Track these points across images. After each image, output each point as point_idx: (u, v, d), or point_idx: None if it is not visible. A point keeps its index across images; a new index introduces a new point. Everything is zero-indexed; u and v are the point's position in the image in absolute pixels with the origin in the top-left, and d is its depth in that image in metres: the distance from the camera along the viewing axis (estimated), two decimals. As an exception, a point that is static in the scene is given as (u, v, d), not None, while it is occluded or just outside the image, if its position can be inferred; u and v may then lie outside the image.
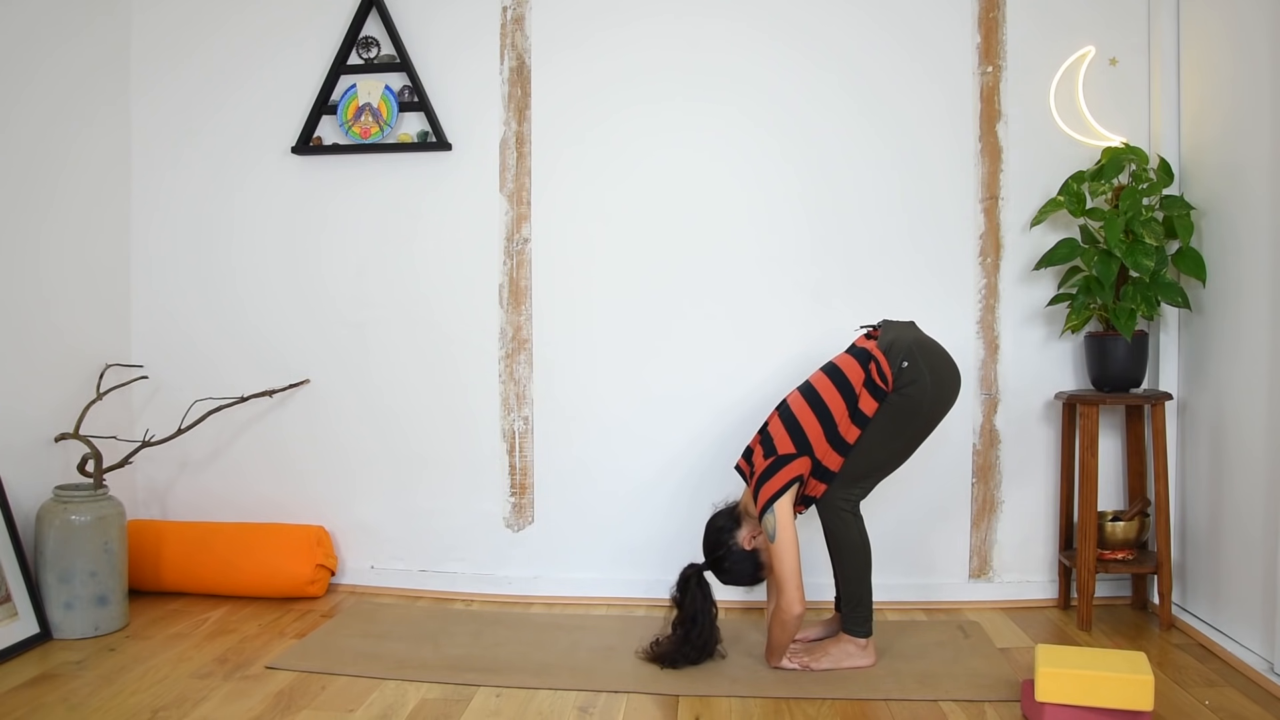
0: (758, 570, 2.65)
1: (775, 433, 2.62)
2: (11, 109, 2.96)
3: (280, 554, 3.19)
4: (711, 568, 2.67)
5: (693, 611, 2.59)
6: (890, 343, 2.58)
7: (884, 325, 2.69)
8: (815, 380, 2.66)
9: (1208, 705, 2.33)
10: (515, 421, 3.33)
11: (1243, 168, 2.70)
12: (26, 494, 2.95)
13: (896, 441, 2.60)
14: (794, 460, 2.55)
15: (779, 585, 2.52)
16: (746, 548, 2.64)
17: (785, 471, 2.54)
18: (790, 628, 2.53)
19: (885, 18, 3.18)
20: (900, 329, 2.65)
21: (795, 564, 2.49)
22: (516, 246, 3.31)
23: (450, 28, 3.32)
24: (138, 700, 2.37)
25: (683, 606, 2.61)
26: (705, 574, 2.65)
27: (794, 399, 2.66)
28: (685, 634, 2.59)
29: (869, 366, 2.57)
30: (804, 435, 2.58)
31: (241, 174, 3.43)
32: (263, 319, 3.44)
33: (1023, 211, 3.16)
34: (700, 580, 2.62)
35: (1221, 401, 2.80)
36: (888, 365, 2.54)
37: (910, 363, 2.53)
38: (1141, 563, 2.94)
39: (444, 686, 2.48)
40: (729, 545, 2.64)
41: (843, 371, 2.62)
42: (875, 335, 2.67)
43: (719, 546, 2.65)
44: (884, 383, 2.54)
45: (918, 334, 2.65)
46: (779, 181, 3.22)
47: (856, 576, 2.60)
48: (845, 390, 2.58)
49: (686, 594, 2.61)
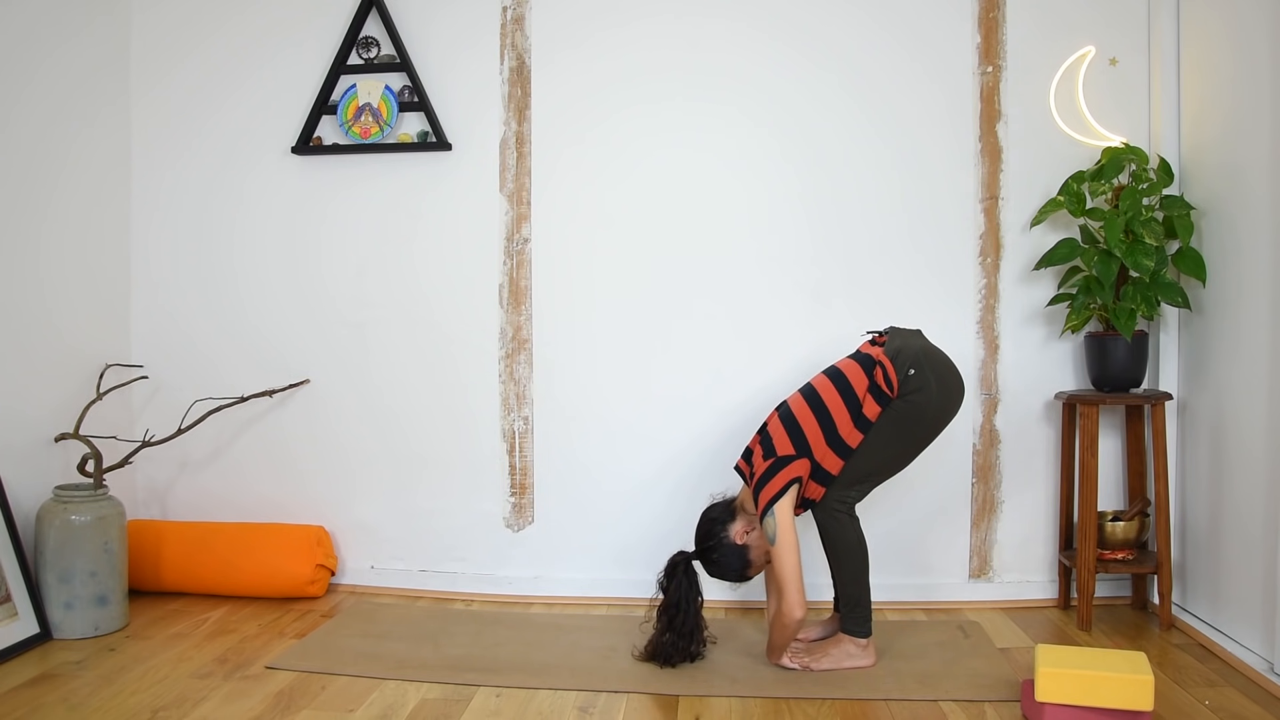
0: (745, 567, 2.65)
1: (775, 433, 2.62)
2: (12, 109, 2.96)
3: (280, 554, 3.19)
4: (700, 557, 2.67)
5: (676, 598, 2.59)
6: (897, 350, 2.58)
7: (891, 332, 2.69)
8: (817, 382, 2.66)
9: (1208, 705, 2.33)
10: (515, 421, 3.33)
11: (1243, 168, 2.70)
12: (26, 494, 2.95)
13: (897, 447, 2.60)
14: (793, 462, 2.56)
15: (780, 588, 2.52)
16: (739, 542, 2.63)
17: (785, 473, 2.54)
18: (791, 631, 2.53)
19: (885, 18, 3.18)
20: (907, 336, 2.65)
21: (797, 567, 2.49)
22: (516, 246, 3.31)
23: (450, 28, 3.32)
24: (138, 700, 2.37)
25: (667, 592, 2.62)
26: (694, 564, 2.65)
27: (795, 400, 2.66)
28: (669, 621, 2.59)
29: (874, 372, 2.57)
30: (803, 437, 2.58)
31: (242, 174, 3.43)
32: (263, 319, 3.43)
33: (1023, 211, 3.16)
34: (688, 568, 2.63)
35: (1221, 401, 2.80)
36: (894, 372, 2.53)
37: (917, 370, 2.53)
38: (1141, 563, 2.94)
39: (444, 686, 2.48)
40: (720, 537, 2.64)
41: (845, 376, 2.62)
42: (881, 341, 2.66)
43: (710, 537, 2.65)
44: (889, 389, 2.54)
45: (924, 343, 2.65)
46: (779, 181, 3.22)
47: (854, 578, 2.60)
48: (847, 394, 2.58)
49: (672, 580, 2.62)
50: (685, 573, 2.62)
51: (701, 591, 2.64)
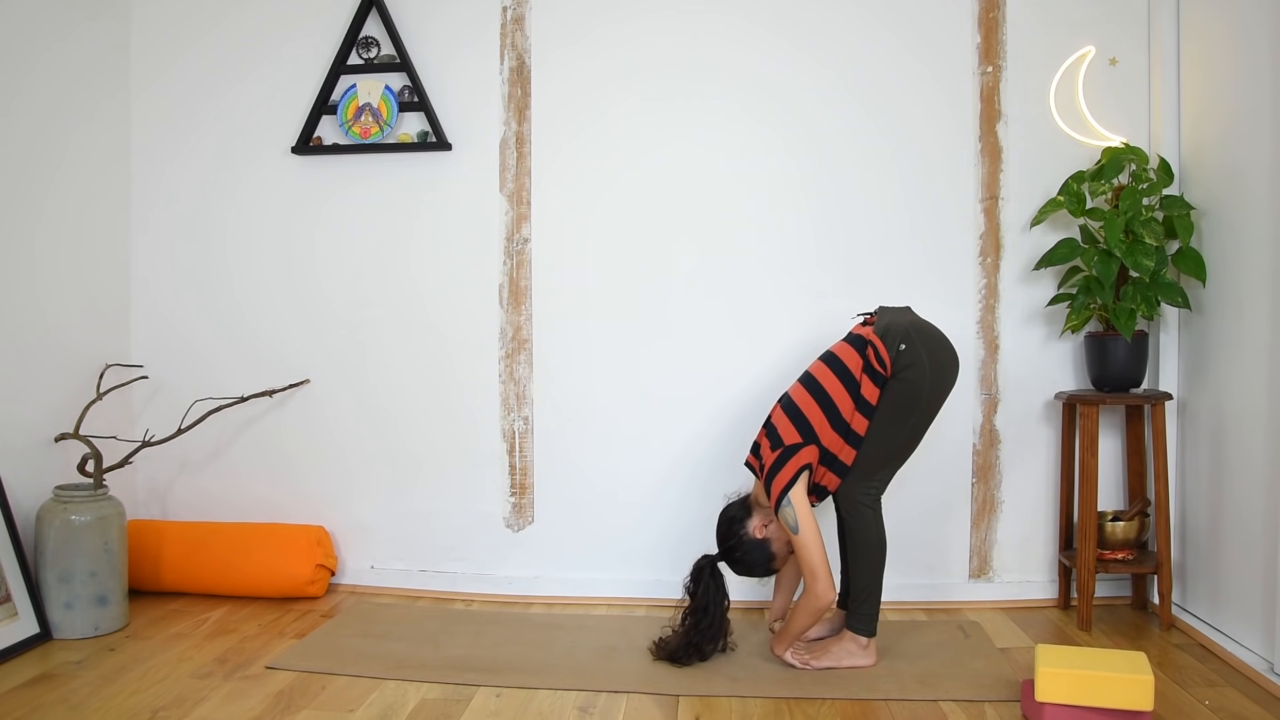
0: (770, 560, 2.66)
1: (780, 424, 2.64)
2: (12, 100, 2.95)
3: (280, 554, 3.19)
4: (725, 558, 2.68)
5: (705, 601, 2.60)
6: (886, 327, 2.60)
7: (880, 311, 2.71)
8: (814, 369, 2.68)
9: (1208, 705, 2.33)
10: (515, 421, 3.33)
11: (1243, 168, 2.70)
12: (26, 494, 2.95)
13: (903, 428, 2.59)
14: (801, 449, 2.57)
15: (808, 575, 2.52)
16: (759, 536, 2.64)
17: (794, 461, 2.56)
18: (818, 615, 2.55)
19: (887, 16, 3.18)
20: (895, 314, 2.67)
21: (822, 553, 2.51)
22: (516, 246, 3.31)
23: (450, 28, 3.32)
24: (138, 700, 2.37)
25: (695, 596, 2.63)
26: (719, 565, 2.66)
27: (795, 389, 2.68)
28: (695, 623, 2.60)
29: (866, 352, 2.59)
30: (808, 423, 2.59)
31: (242, 173, 3.43)
32: (263, 319, 3.43)
33: (1023, 211, 3.16)
34: (714, 571, 2.64)
35: (1221, 401, 2.80)
36: (885, 350, 2.55)
37: (908, 345, 2.55)
38: (1141, 563, 2.94)
39: (444, 686, 2.48)
40: (740, 535, 2.65)
41: (841, 359, 2.64)
42: (871, 322, 2.68)
43: (731, 536, 2.66)
44: (882, 367, 2.55)
45: (913, 317, 2.66)
46: (781, 180, 3.22)
47: (868, 574, 2.60)
48: (845, 377, 2.60)
49: (700, 584, 2.63)
50: (712, 575, 2.63)
51: (729, 594, 2.65)
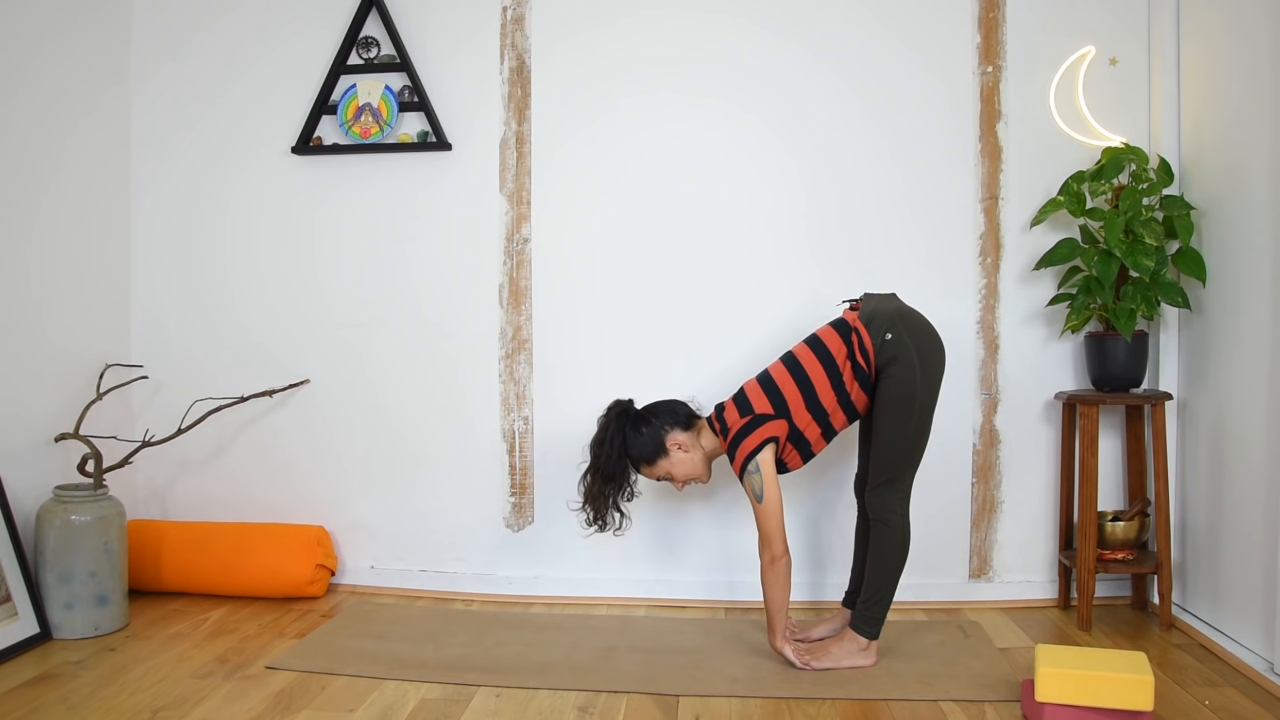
0: (646, 463, 2.70)
1: (752, 395, 2.65)
2: (11, 97, 2.95)
3: (280, 554, 3.19)
4: (634, 417, 2.72)
5: (602, 436, 2.69)
6: (871, 314, 2.60)
7: (865, 297, 2.71)
8: (797, 350, 2.69)
9: (1208, 705, 2.33)
10: (515, 421, 3.33)
11: (1243, 168, 2.70)
12: (26, 494, 2.95)
13: (908, 423, 2.56)
14: (771, 420, 2.59)
15: (765, 541, 2.54)
16: (666, 444, 2.68)
17: (762, 430, 2.57)
18: (787, 581, 2.56)
19: (888, 16, 3.18)
20: (880, 300, 2.66)
21: (781, 521, 2.55)
22: (516, 246, 3.31)
23: (450, 28, 3.32)
24: (138, 700, 2.37)
25: (599, 430, 2.72)
26: (627, 415, 2.72)
27: (774, 367, 2.70)
28: (594, 459, 2.70)
29: (850, 338, 2.59)
30: (782, 398, 2.61)
31: (242, 173, 3.43)
32: (264, 320, 3.43)
33: (1023, 211, 3.16)
34: (621, 415, 2.71)
35: (1221, 401, 2.80)
36: (869, 338, 2.56)
37: (893, 334, 2.54)
38: (1141, 563, 2.94)
39: (444, 686, 2.48)
40: (659, 427, 2.69)
41: (824, 342, 2.64)
42: (857, 308, 2.68)
43: (655, 416, 2.71)
44: (865, 357, 2.56)
45: (899, 304, 2.66)
46: (781, 179, 3.22)
47: (885, 578, 2.57)
48: (826, 361, 2.61)
49: (606, 421, 2.71)
50: (616, 417, 2.70)
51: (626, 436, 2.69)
